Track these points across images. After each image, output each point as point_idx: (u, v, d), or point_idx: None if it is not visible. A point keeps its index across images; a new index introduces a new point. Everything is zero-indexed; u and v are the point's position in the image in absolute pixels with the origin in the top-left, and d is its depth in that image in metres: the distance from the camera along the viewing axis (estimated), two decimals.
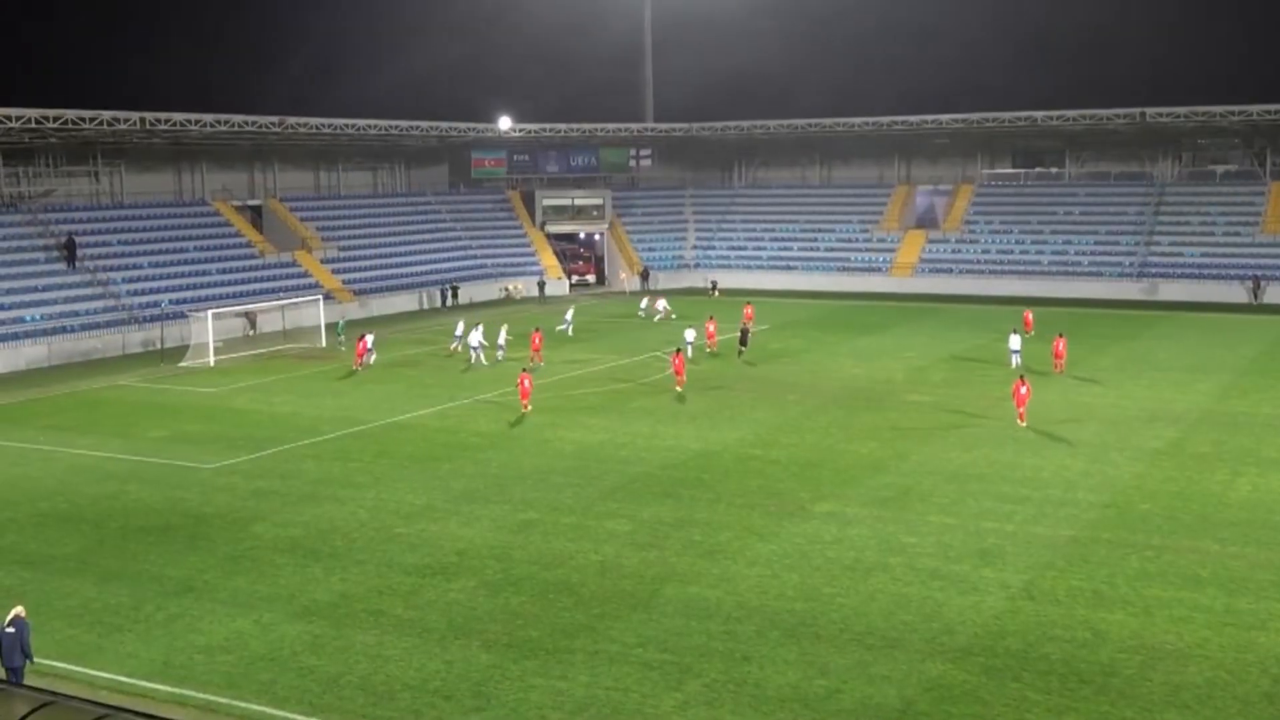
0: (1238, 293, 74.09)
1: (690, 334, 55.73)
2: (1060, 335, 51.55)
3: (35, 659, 20.66)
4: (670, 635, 23.03)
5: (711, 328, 57.15)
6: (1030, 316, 61.12)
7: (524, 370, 45.80)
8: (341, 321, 64.00)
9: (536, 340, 54.36)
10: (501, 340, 55.67)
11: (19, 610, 20.70)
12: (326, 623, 24.03)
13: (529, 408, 43.37)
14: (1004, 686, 20.69)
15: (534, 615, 24.20)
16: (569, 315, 65.01)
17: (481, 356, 53.82)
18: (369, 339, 54.86)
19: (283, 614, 24.53)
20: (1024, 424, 39.71)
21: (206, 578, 26.75)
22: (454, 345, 57.35)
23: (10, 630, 20.23)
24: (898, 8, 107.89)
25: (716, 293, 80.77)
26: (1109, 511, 30.47)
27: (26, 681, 19.31)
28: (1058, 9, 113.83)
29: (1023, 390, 40.14)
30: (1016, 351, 50.35)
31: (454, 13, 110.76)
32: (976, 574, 26.04)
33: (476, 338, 54.55)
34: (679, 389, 46.87)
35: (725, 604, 24.57)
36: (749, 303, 65.33)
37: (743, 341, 55.92)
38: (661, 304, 70.06)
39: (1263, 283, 73.69)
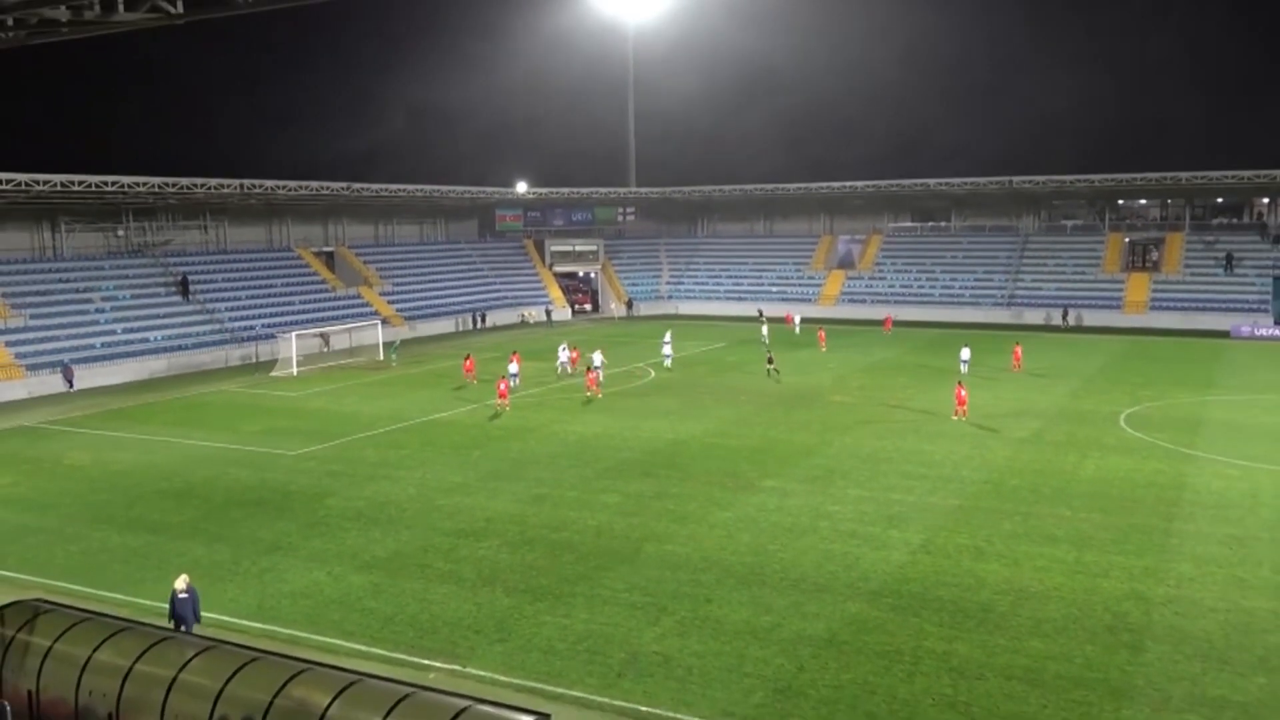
0: (1078, 319, 74.00)
1: (597, 357, 50.09)
2: (1018, 344, 53.90)
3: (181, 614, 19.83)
4: (650, 582, 22.99)
5: (575, 355, 53.69)
6: (891, 321, 64.91)
7: (501, 376, 45.49)
8: (397, 341, 63.50)
9: (574, 357, 52.48)
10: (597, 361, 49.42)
11: (186, 578, 20.07)
12: (383, 574, 23.93)
13: (506, 405, 43.13)
14: (906, 621, 20.74)
15: (544, 568, 24.14)
16: (667, 338, 57.00)
17: (568, 367, 52.55)
18: (514, 364, 47.69)
19: (349, 567, 24.43)
20: (958, 418, 39.57)
21: (290, 540, 26.63)
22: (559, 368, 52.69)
23: (184, 595, 19.66)
24: (831, 94, 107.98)
25: (764, 318, 72.97)
26: (987, 486, 30.55)
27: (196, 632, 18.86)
28: (949, 103, 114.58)
29: (962, 393, 40.29)
30: (965, 361, 50.46)
31: (482, 105, 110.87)
32: (885, 534, 26.09)
33: (565, 354, 52.81)
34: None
35: (692, 558, 24.54)
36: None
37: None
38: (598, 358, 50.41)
39: (1070, 310, 73.93)
